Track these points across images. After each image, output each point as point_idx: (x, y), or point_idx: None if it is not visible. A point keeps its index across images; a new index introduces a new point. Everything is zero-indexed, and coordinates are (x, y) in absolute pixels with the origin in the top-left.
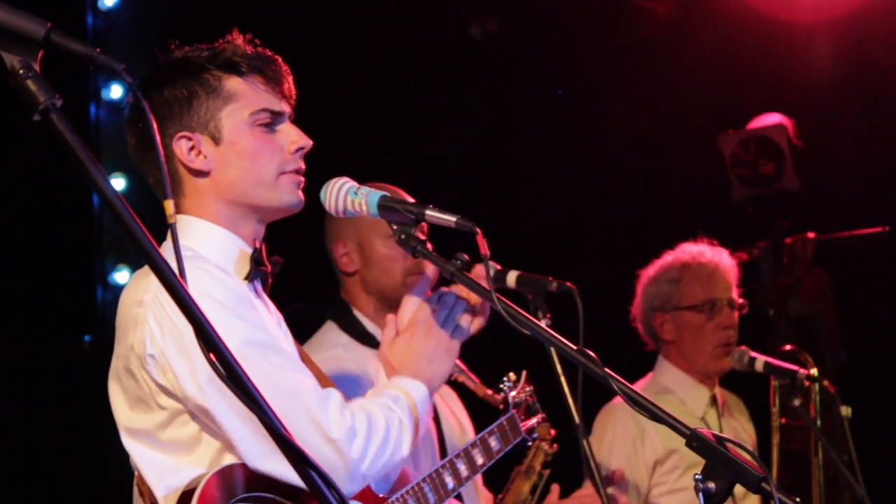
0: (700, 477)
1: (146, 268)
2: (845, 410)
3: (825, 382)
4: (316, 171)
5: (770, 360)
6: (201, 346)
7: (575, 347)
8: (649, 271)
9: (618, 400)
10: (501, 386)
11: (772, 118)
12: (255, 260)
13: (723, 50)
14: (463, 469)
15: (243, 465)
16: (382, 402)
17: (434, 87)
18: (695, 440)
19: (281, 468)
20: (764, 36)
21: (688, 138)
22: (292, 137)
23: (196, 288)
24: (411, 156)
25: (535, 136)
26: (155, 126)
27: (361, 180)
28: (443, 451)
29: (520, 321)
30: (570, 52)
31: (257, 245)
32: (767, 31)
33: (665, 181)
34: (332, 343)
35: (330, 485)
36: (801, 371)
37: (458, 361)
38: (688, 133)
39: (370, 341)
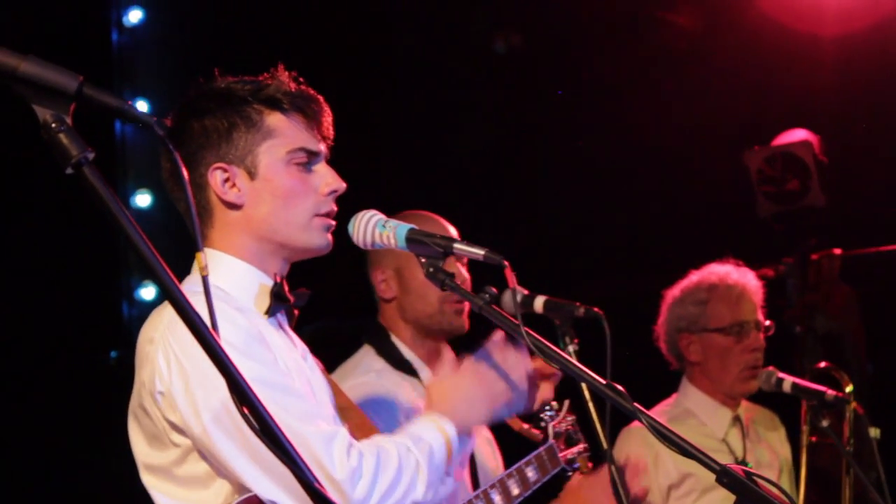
0: None
1: (164, 304)
2: (874, 432)
3: (853, 404)
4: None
5: (798, 380)
6: (234, 400)
7: (604, 382)
8: (675, 291)
9: (634, 424)
10: (542, 415)
11: (797, 134)
12: (276, 294)
13: (748, 63)
14: (498, 500)
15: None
16: (401, 442)
17: (458, 101)
18: (725, 476)
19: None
20: (789, 49)
21: (713, 153)
22: (327, 180)
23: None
24: (437, 170)
25: (559, 150)
26: (187, 176)
27: (391, 198)
28: (474, 479)
29: (549, 355)
30: (594, 65)
31: (278, 280)
32: (792, 45)
33: (690, 197)
34: (367, 368)
35: None
36: (830, 392)
37: None
38: (713, 148)
39: (405, 367)
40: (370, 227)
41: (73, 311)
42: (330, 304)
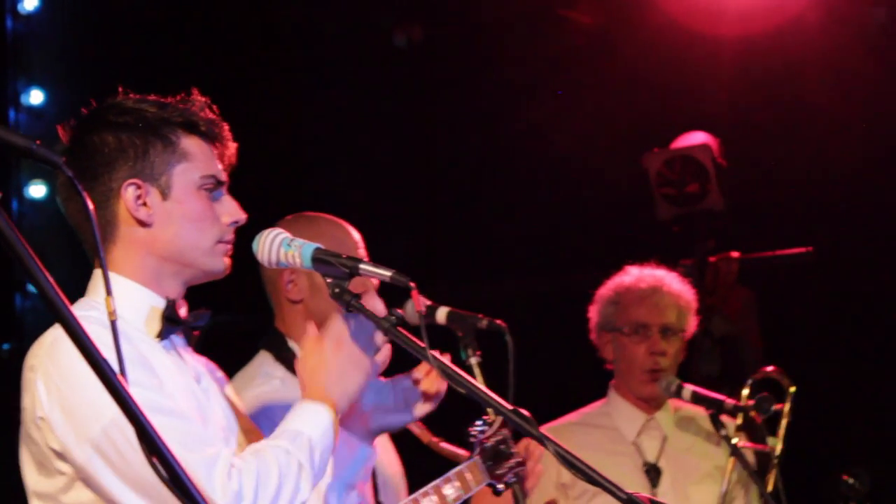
0: None
1: (47, 332)
2: (772, 441)
3: (752, 413)
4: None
5: (698, 389)
6: (143, 449)
7: (510, 407)
8: (600, 290)
9: (545, 427)
10: (471, 430)
11: (697, 137)
12: (167, 317)
13: (648, 64)
14: None
15: None
16: (279, 446)
17: (355, 96)
18: None
19: None
20: (689, 51)
21: (612, 155)
22: (230, 210)
23: (78, 357)
24: (339, 171)
25: (455, 148)
26: (92, 207)
27: (293, 199)
28: (374, 488)
29: (456, 380)
30: (494, 62)
31: (170, 301)
32: (693, 46)
33: (589, 199)
34: (268, 375)
35: None
36: (728, 401)
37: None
38: (612, 150)
39: None
40: (275, 246)
41: None
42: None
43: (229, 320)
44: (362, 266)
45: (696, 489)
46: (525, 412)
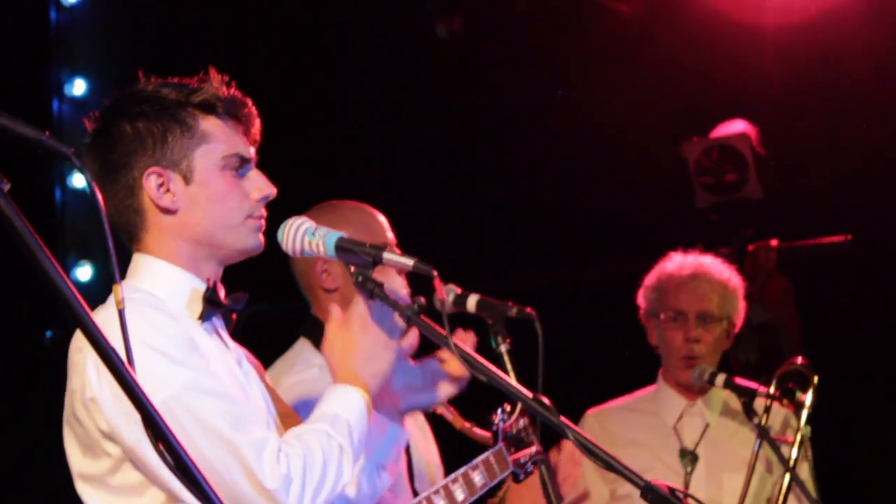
0: None
1: (95, 313)
2: (804, 430)
3: (784, 402)
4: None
5: (731, 377)
6: (149, 435)
7: (531, 395)
8: (646, 277)
9: (590, 412)
10: (493, 417)
11: (736, 126)
12: (209, 299)
13: (688, 53)
14: None
15: None
16: (321, 430)
17: (399, 87)
18: (649, 492)
19: None
20: (729, 40)
21: (652, 144)
22: (259, 185)
23: (134, 335)
24: (382, 160)
25: (494, 138)
26: (102, 203)
27: (336, 189)
28: (410, 476)
29: (478, 368)
30: (535, 53)
31: (211, 284)
32: (733, 35)
33: (628, 187)
34: (307, 362)
35: None
36: (761, 389)
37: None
38: (652, 138)
39: None
40: (299, 234)
41: (8, 291)
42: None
43: (270, 309)
44: (385, 255)
45: (731, 477)
46: (546, 400)
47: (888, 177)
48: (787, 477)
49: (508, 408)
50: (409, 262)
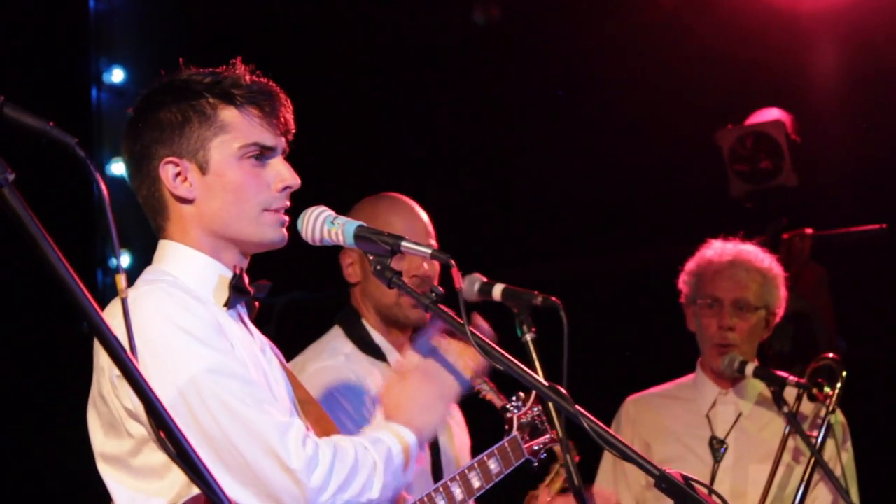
0: None
1: (136, 283)
2: (834, 418)
3: (814, 391)
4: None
5: (763, 367)
6: (151, 424)
7: (546, 384)
8: (687, 264)
9: (630, 397)
10: (508, 406)
11: (770, 113)
12: (235, 287)
13: (723, 40)
14: (458, 493)
15: None
16: (358, 441)
17: (436, 73)
18: (663, 482)
19: (240, 493)
20: (765, 26)
21: (687, 131)
22: (281, 175)
23: (163, 315)
24: (417, 147)
25: (532, 124)
26: (106, 196)
27: (373, 169)
28: (436, 463)
29: (494, 356)
30: (571, 39)
31: (237, 272)
32: (769, 22)
33: (663, 175)
34: (336, 350)
35: None
36: (791, 378)
37: (486, 380)
38: (687, 126)
39: (375, 352)
40: (318, 223)
41: (47, 281)
42: (303, 278)
43: (306, 296)
44: (404, 243)
45: (757, 468)
46: (561, 389)
47: None
48: (812, 462)
49: (522, 395)
50: (426, 250)
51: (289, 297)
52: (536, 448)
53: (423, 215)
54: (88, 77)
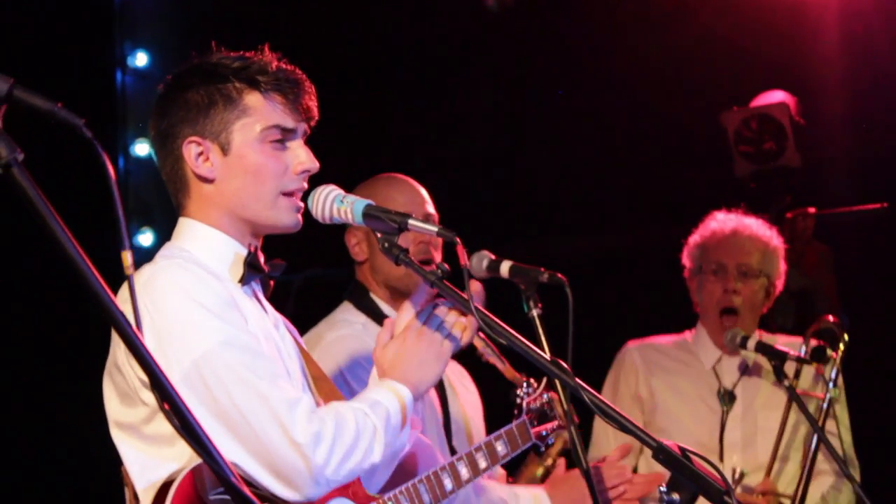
0: (665, 489)
1: (143, 268)
2: (833, 392)
3: (814, 364)
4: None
5: (764, 342)
6: (156, 397)
7: (548, 358)
8: (690, 237)
9: (627, 345)
10: (518, 391)
11: (775, 96)
12: (250, 264)
13: (729, 24)
14: (464, 472)
15: None
16: (358, 408)
17: (445, 55)
18: (661, 453)
19: (248, 463)
20: (770, 10)
21: (693, 113)
22: (300, 158)
23: (179, 288)
24: (429, 128)
25: (541, 105)
26: (112, 173)
27: (384, 149)
28: (448, 432)
29: (496, 331)
30: (578, 23)
31: (252, 249)
32: (774, 6)
33: (669, 155)
34: (349, 321)
35: None
36: (792, 353)
37: (489, 342)
38: (693, 107)
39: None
40: (328, 202)
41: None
42: (321, 255)
43: (323, 273)
44: (411, 221)
45: (766, 416)
46: (563, 363)
47: None
48: (815, 438)
49: (534, 382)
50: (433, 228)
51: (306, 273)
52: (544, 433)
53: (424, 192)
54: (113, 61)
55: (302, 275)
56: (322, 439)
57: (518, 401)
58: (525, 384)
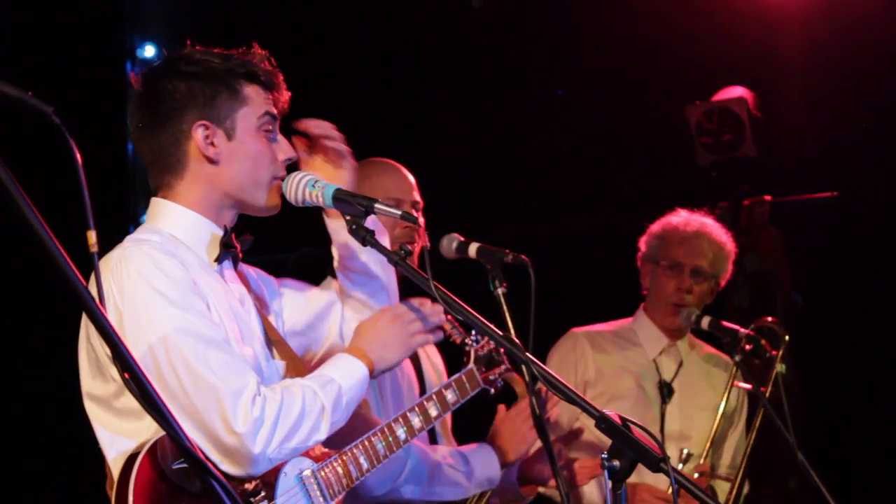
0: (606, 455)
1: (112, 252)
2: (780, 367)
3: (762, 341)
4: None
5: (717, 320)
6: (117, 367)
7: (500, 333)
8: (652, 225)
9: (572, 331)
10: (467, 340)
11: (735, 91)
12: (225, 244)
13: (693, 22)
14: (416, 421)
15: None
16: (308, 385)
17: (431, 56)
18: (602, 422)
19: (198, 440)
20: (732, 10)
21: (659, 106)
22: (284, 149)
23: (140, 276)
24: (412, 121)
25: (514, 97)
26: (80, 159)
27: (376, 145)
28: (422, 385)
29: (454, 307)
30: (551, 18)
31: (226, 228)
32: (736, 6)
33: (636, 146)
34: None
35: (227, 492)
36: (742, 330)
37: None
38: (659, 101)
39: None
40: (301, 186)
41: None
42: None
43: (316, 252)
44: (377, 205)
45: (700, 415)
46: (514, 338)
47: (871, 136)
48: (761, 410)
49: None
50: (397, 212)
51: (301, 251)
52: (492, 378)
53: (410, 176)
54: (122, 53)
55: (297, 253)
56: (263, 423)
57: (466, 349)
58: (472, 334)
